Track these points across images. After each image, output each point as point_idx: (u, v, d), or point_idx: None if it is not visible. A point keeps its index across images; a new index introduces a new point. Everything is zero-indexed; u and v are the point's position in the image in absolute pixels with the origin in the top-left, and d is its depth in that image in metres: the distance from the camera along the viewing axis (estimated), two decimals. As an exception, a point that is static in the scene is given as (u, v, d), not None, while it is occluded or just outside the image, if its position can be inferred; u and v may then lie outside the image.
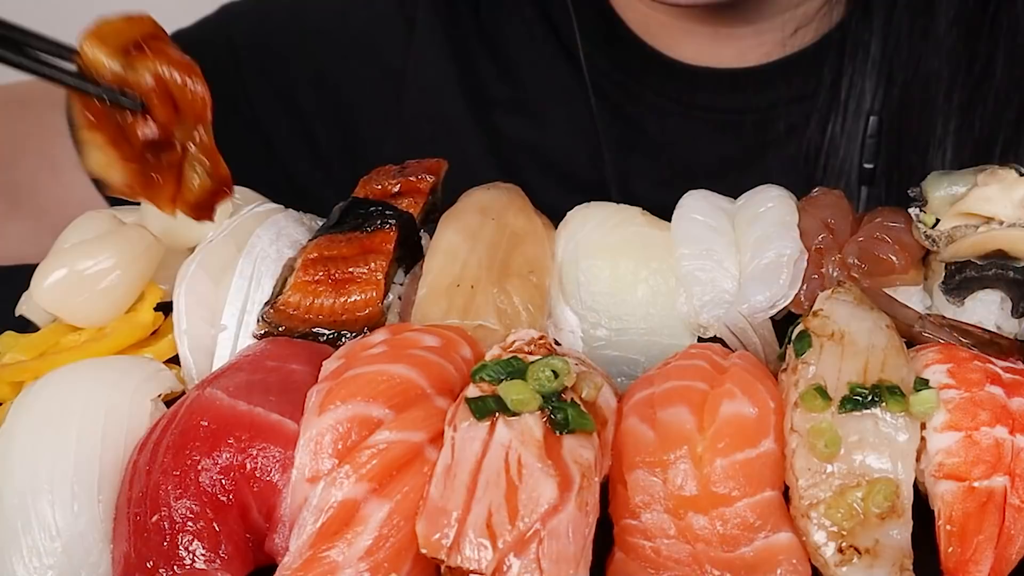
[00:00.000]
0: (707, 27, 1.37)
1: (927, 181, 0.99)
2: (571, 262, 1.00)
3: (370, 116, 1.49)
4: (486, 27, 1.47)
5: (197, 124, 0.89)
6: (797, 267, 0.96)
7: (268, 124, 1.49)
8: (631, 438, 0.81)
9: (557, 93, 1.44)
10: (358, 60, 1.48)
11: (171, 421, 0.80)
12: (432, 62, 1.46)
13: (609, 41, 1.42)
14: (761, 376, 0.84)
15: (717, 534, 0.76)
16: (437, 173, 1.07)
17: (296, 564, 0.73)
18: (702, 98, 1.39)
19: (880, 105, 1.31)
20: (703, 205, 1.04)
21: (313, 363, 0.85)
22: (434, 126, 1.47)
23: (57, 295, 0.97)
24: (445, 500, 0.73)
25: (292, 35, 1.50)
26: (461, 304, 0.94)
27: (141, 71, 0.85)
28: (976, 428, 0.79)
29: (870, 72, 1.31)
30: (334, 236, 0.98)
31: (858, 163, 1.32)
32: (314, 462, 0.77)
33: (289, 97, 1.49)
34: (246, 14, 1.52)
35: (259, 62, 1.49)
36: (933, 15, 1.27)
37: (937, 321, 0.93)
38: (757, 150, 1.38)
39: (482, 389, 0.79)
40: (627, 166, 1.41)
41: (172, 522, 0.76)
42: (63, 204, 1.39)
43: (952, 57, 1.27)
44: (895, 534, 0.75)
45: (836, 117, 1.33)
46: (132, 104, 0.85)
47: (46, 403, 0.84)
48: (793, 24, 1.35)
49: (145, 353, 0.97)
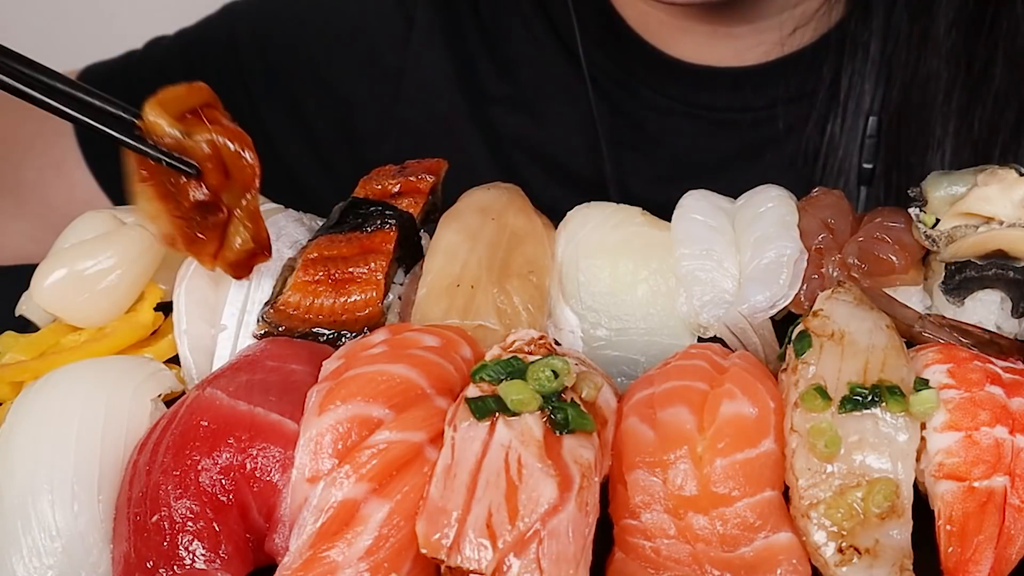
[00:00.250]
0: (706, 26, 1.37)
1: (927, 181, 0.99)
2: (571, 262, 1.00)
3: (369, 114, 1.50)
4: (485, 25, 1.47)
5: (245, 192, 0.92)
6: (797, 267, 0.96)
7: (269, 122, 1.50)
8: (631, 438, 0.81)
9: (556, 91, 1.44)
10: (357, 58, 1.49)
11: (171, 421, 0.80)
12: (431, 60, 1.47)
13: (608, 39, 1.42)
14: (761, 376, 0.84)
15: (717, 534, 0.76)
16: (437, 173, 1.07)
17: (296, 564, 0.73)
18: (701, 96, 1.40)
19: (879, 105, 1.32)
20: (703, 205, 1.04)
21: (313, 363, 0.85)
22: (433, 123, 1.48)
23: (57, 295, 0.97)
24: (445, 500, 0.73)
25: (293, 34, 1.51)
26: (461, 304, 0.95)
27: (198, 138, 0.89)
28: (976, 428, 0.79)
29: (869, 72, 1.31)
30: (334, 236, 0.98)
31: (857, 163, 1.33)
32: (314, 462, 0.77)
33: (290, 96, 1.50)
34: (248, 13, 1.53)
35: (260, 61, 1.49)
36: (932, 17, 1.27)
37: (937, 321, 0.93)
38: (756, 149, 1.38)
39: (482, 389, 0.79)
40: (626, 163, 1.41)
41: (172, 522, 0.76)
42: (68, 203, 1.40)
43: (951, 59, 1.27)
44: (895, 534, 0.75)
45: (835, 117, 1.33)
46: (189, 171, 0.89)
47: (46, 403, 0.84)
48: (792, 24, 1.35)
49: (145, 353, 0.97)
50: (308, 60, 1.49)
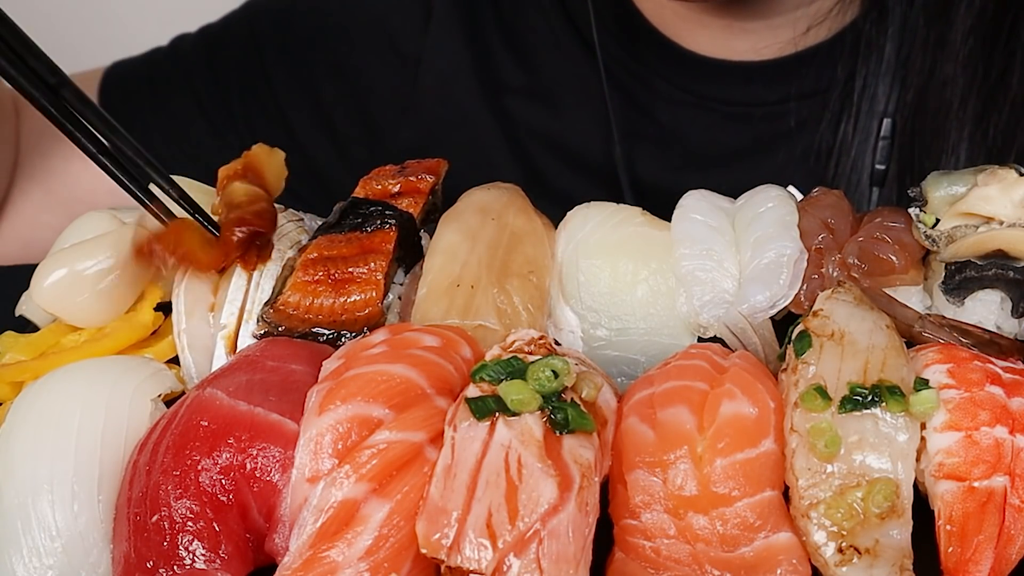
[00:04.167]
0: (721, 20, 1.38)
1: (927, 181, 0.99)
2: (571, 262, 1.00)
3: (387, 103, 1.52)
4: (503, 15, 1.49)
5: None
6: (797, 267, 0.96)
7: (290, 113, 1.52)
8: (631, 438, 0.81)
9: (572, 81, 1.46)
10: (376, 48, 1.51)
11: (171, 421, 0.80)
12: (449, 49, 1.49)
13: (624, 31, 1.43)
14: (761, 376, 0.84)
15: (717, 534, 0.76)
16: (437, 173, 1.07)
17: (296, 564, 0.73)
18: (714, 89, 1.41)
19: (894, 108, 1.32)
20: (703, 205, 1.04)
21: (313, 363, 0.85)
22: (450, 112, 1.50)
23: (57, 295, 0.97)
24: (445, 500, 0.73)
25: (312, 25, 1.53)
26: (461, 304, 0.94)
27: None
28: (976, 428, 0.79)
29: (884, 74, 1.32)
30: (334, 236, 0.98)
31: (870, 164, 1.33)
32: (314, 462, 0.77)
33: (310, 86, 1.52)
34: (269, 7, 1.56)
35: (281, 54, 1.52)
36: (950, 22, 1.28)
37: (937, 321, 0.93)
38: (768, 143, 1.39)
39: (482, 389, 0.79)
40: (639, 154, 1.43)
41: (172, 522, 0.76)
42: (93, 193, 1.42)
43: (968, 64, 1.28)
44: (895, 534, 0.75)
45: (848, 116, 1.34)
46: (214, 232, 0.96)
47: (46, 403, 0.84)
48: (806, 22, 1.36)
49: (145, 353, 0.97)
50: (328, 51, 1.51)
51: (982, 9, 1.27)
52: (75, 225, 1.06)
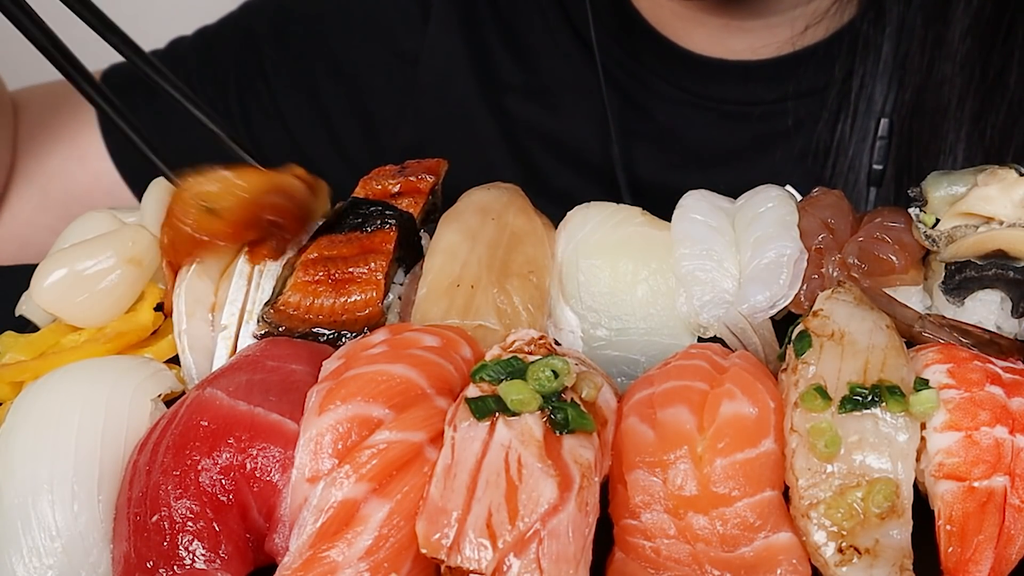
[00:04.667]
0: (718, 19, 1.38)
1: (927, 181, 0.99)
2: (571, 262, 1.00)
3: (386, 101, 1.52)
4: (501, 13, 1.49)
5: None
6: (797, 267, 0.96)
7: (288, 112, 1.52)
8: (631, 438, 0.81)
9: (570, 80, 1.46)
10: (374, 46, 1.51)
11: (171, 421, 0.80)
12: (447, 47, 1.49)
13: (622, 30, 1.44)
14: (761, 376, 0.84)
15: (717, 534, 0.76)
16: (437, 173, 1.07)
17: (296, 564, 0.73)
18: (712, 88, 1.41)
19: (891, 107, 1.32)
20: (703, 205, 1.04)
21: (313, 363, 0.85)
22: (448, 111, 1.50)
23: (57, 295, 0.97)
24: (445, 500, 0.73)
25: (310, 23, 1.53)
26: (461, 304, 0.94)
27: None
28: (976, 428, 0.79)
29: (882, 74, 1.32)
30: (334, 236, 0.98)
31: (868, 163, 1.33)
32: (314, 462, 0.77)
33: (308, 85, 1.52)
34: (265, 7, 1.56)
35: (279, 52, 1.52)
36: (947, 23, 1.28)
37: (937, 321, 0.93)
38: (765, 142, 1.40)
39: (482, 389, 0.79)
40: (636, 153, 1.43)
41: (172, 522, 0.76)
42: (90, 193, 1.43)
43: (965, 65, 1.28)
44: (895, 534, 0.75)
45: (846, 116, 1.34)
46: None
47: (46, 403, 0.84)
48: (803, 21, 1.36)
49: (145, 353, 0.97)
50: (326, 49, 1.52)
51: (980, 9, 1.27)
52: (75, 225, 1.06)
